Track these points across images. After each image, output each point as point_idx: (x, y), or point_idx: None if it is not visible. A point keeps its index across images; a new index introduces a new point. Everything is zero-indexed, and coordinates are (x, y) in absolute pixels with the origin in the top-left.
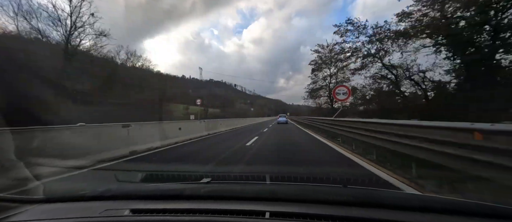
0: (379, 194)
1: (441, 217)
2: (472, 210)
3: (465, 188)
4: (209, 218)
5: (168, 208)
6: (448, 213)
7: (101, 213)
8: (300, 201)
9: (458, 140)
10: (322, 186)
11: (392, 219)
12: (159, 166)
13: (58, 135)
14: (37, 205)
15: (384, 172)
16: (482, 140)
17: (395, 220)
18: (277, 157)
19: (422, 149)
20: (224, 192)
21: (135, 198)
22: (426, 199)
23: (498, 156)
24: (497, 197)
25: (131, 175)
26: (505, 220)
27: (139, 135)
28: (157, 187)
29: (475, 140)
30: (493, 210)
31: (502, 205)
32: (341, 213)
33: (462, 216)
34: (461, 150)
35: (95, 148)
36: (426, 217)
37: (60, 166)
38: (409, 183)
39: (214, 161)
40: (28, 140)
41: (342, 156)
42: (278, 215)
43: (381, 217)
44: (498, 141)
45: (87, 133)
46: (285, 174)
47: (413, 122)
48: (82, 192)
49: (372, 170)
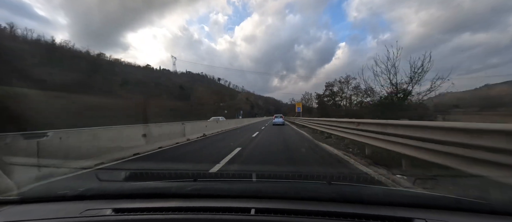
0: (362, 190)
1: (423, 211)
2: (452, 205)
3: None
4: (195, 216)
5: (153, 207)
6: (429, 207)
7: (82, 213)
8: (285, 198)
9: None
10: (307, 183)
11: (373, 213)
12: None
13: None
14: (11, 206)
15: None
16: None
17: (377, 215)
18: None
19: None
20: (210, 190)
21: (118, 197)
22: (408, 194)
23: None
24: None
25: (113, 174)
26: (483, 215)
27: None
28: (141, 185)
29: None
30: (467, 204)
31: (480, 200)
32: (325, 209)
33: (443, 210)
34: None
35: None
36: (408, 212)
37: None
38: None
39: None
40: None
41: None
42: (263, 211)
43: (362, 212)
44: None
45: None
46: (271, 172)
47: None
48: (61, 192)
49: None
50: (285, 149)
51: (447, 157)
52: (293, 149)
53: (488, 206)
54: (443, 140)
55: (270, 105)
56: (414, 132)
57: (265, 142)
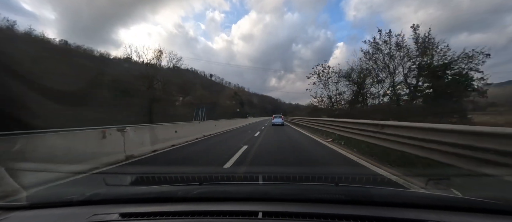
0: (370, 192)
1: (436, 213)
2: (465, 206)
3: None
4: (202, 220)
5: (159, 211)
6: (442, 209)
7: (89, 218)
8: (292, 200)
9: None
10: (314, 185)
11: (382, 216)
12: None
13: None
14: (20, 211)
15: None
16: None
17: (385, 217)
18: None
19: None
20: (217, 193)
21: (125, 202)
22: (420, 195)
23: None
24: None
25: (120, 179)
26: (497, 216)
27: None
28: (148, 189)
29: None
30: (479, 205)
31: (488, 200)
32: (333, 211)
33: (456, 211)
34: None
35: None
36: (420, 213)
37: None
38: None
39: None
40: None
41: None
42: (271, 214)
43: (372, 214)
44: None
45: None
46: (277, 173)
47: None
48: (68, 197)
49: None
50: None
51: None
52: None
53: (502, 207)
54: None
55: (267, 104)
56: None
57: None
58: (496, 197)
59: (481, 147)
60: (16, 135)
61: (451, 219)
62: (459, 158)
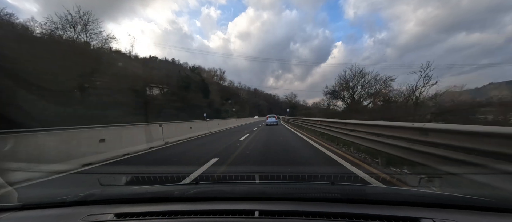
0: (365, 190)
1: (429, 210)
2: (459, 203)
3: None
4: (198, 219)
5: (155, 211)
6: (436, 206)
7: (83, 218)
8: (289, 199)
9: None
10: (310, 184)
11: (378, 214)
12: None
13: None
14: (11, 212)
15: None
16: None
17: (380, 215)
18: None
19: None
20: (214, 193)
21: (120, 202)
22: (414, 193)
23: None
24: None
25: (114, 178)
26: (490, 213)
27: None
28: (144, 189)
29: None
30: (473, 202)
31: (476, 196)
32: (329, 209)
33: (450, 209)
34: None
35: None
36: (415, 211)
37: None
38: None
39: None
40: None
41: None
42: (267, 213)
43: (367, 212)
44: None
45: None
46: (274, 173)
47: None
48: (62, 198)
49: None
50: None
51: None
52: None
53: (496, 204)
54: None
55: (261, 100)
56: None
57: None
58: (491, 195)
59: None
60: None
61: (445, 217)
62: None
